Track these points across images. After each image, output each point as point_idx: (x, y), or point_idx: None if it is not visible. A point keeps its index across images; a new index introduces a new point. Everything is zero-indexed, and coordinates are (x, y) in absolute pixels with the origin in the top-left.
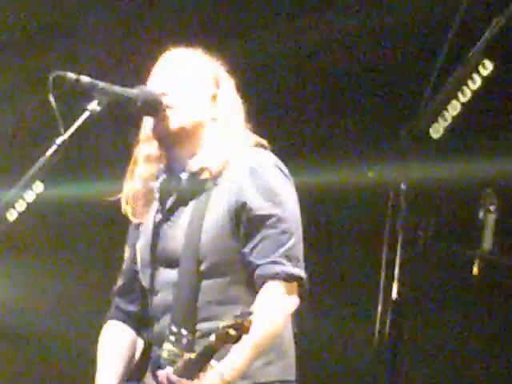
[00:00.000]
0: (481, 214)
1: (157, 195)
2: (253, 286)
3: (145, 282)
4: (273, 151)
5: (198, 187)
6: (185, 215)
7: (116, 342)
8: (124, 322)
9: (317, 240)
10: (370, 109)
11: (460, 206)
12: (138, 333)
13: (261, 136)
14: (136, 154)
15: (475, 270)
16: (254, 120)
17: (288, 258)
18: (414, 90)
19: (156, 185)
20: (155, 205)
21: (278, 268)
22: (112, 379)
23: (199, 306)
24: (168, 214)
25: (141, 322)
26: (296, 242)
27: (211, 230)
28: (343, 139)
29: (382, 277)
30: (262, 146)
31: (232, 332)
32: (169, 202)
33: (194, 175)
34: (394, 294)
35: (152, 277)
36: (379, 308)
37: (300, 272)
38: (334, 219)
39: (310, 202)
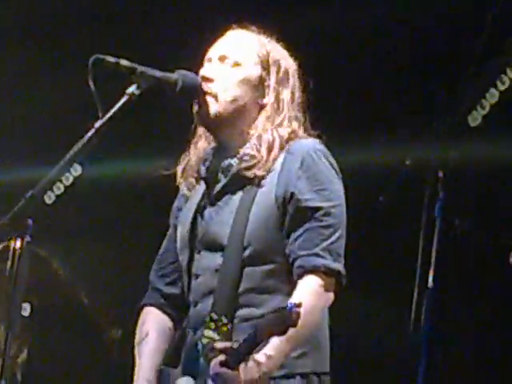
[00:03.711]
0: None
1: (203, 178)
2: (292, 276)
3: (184, 264)
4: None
5: (248, 175)
6: (233, 201)
7: (155, 332)
8: (161, 305)
9: (352, 226)
10: (409, 96)
11: (498, 194)
12: (176, 316)
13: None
14: (197, 130)
15: (511, 258)
16: None
17: (329, 252)
18: (452, 78)
19: (203, 168)
20: (201, 187)
21: (318, 261)
22: (152, 372)
23: (240, 292)
24: (215, 198)
25: (179, 305)
26: (339, 237)
27: (258, 217)
28: (381, 127)
29: (418, 264)
30: (316, 136)
31: (278, 324)
32: (217, 187)
33: (244, 163)
34: (430, 282)
35: (192, 260)
36: (415, 295)
37: (340, 267)
38: (371, 206)
39: (347, 188)
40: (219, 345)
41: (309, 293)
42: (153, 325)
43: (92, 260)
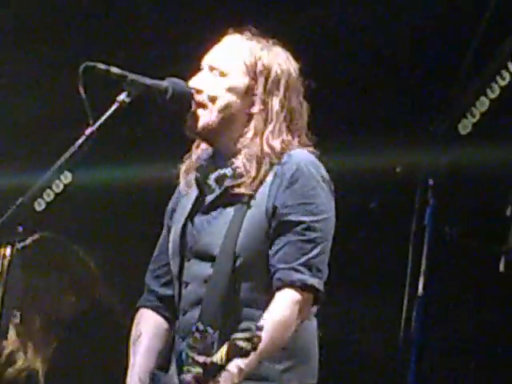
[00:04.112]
0: (508, 211)
1: (197, 184)
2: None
3: (175, 270)
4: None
5: (239, 192)
6: (226, 213)
7: (149, 332)
8: (157, 307)
9: (343, 236)
10: (399, 104)
11: (487, 202)
12: (172, 318)
13: None
14: None
15: (501, 266)
16: None
17: (309, 267)
18: (443, 86)
19: (197, 174)
20: (195, 191)
21: (295, 276)
22: (145, 371)
23: (229, 304)
24: (208, 208)
25: (174, 306)
26: (321, 252)
27: (249, 230)
28: (372, 135)
29: (408, 272)
30: (307, 146)
31: (242, 346)
32: (210, 197)
33: (236, 180)
34: (420, 290)
35: (182, 267)
36: (405, 303)
37: (317, 283)
38: (361, 215)
39: (337, 194)
40: (199, 358)
41: (283, 307)
42: (147, 325)
43: None
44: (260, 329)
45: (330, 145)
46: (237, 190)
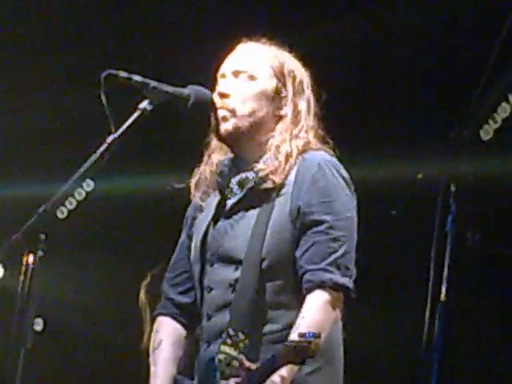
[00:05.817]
0: None
1: (219, 190)
2: (301, 291)
3: (196, 276)
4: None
5: (265, 186)
6: (249, 216)
7: (169, 341)
8: (174, 314)
9: (365, 240)
10: (421, 110)
11: (509, 207)
12: (189, 325)
13: None
14: (211, 141)
15: None
16: None
17: (337, 266)
18: (464, 91)
19: (219, 179)
20: (215, 198)
21: (326, 276)
22: (168, 380)
23: (257, 307)
24: (230, 212)
25: (192, 314)
26: (347, 250)
27: (274, 232)
28: (393, 141)
29: (430, 278)
30: (330, 149)
31: (297, 354)
32: (232, 201)
33: (261, 178)
34: (443, 296)
35: (205, 272)
36: (427, 309)
37: (347, 282)
38: (383, 220)
39: (359, 202)
40: (245, 363)
41: (317, 308)
42: (166, 334)
43: (104, 274)
44: (317, 336)
45: (352, 152)
46: (263, 184)
